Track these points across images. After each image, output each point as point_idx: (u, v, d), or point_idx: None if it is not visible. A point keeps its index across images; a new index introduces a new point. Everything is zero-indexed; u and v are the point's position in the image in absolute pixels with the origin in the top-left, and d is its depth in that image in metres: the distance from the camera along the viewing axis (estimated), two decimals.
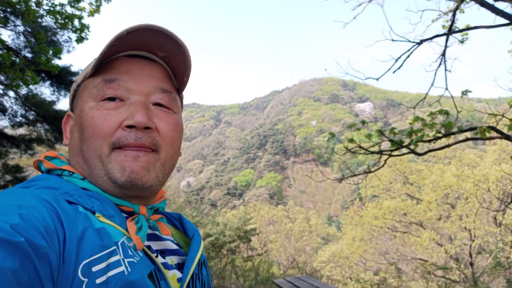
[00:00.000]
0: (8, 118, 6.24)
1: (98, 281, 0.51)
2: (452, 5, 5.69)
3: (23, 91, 5.87)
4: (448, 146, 4.15)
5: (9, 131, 6.65)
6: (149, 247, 0.68)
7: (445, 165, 15.72)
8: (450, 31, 5.42)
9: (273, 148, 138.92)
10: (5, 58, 4.00)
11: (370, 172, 4.28)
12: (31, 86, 6.15)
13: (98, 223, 0.58)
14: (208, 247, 14.11)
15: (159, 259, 0.68)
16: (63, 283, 0.49)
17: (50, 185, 0.63)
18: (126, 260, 0.56)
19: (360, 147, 4.06)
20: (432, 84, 5.54)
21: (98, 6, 4.84)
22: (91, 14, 4.78)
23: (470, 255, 12.88)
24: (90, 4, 4.75)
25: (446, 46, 5.47)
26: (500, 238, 12.08)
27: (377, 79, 4.56)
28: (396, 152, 4.39)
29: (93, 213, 0.60)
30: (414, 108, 5.49)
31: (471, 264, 12.93)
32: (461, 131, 4.34)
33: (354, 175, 4.30)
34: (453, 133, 4.35)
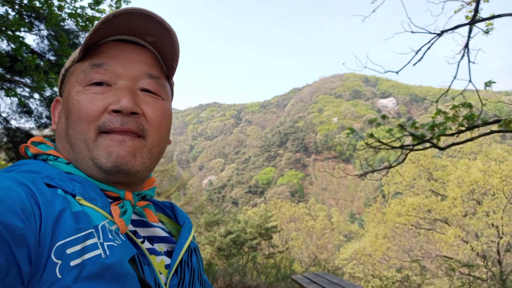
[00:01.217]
0: (34, 120, 6.44)
1: (73, 263, 0.50)
2: None
3: (48, 93, 6.04)
4: (471, 139, 4.04)
5: (35, 132, 6.86)
6: (135, 232, 0.67)
7: (471, 160, 15.29)
8: (474, 20, 5.27)
9: (294, 146, 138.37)
10: (30, 61, 4.13)
11: (391, 167, 4.21)
12: (55, 88, 6.33)
13: (78, 206, 0.58)
14: (230, 244, 14.20)
15: (146, 245, 0.67)
16: (38, 265, 0.48)
17: (31, 169, 0.63)
18: (105, 243, 0.54)
19: (380, 141, 4.00)
20: (454, 77, 5.40)
21: (117, 8, 4.92)
22: None
23: (498, 253, 12.50)
24: (110, 6, 4.85)
25: (469, 37, 5.31)
26: None
27: (397, 72, 4.48)
28: (418, 147, 4.30)
29: (74, 196, 0.59)
30: (436, 102, 5.36)
31: (499, 262, 12.54)
32: (485, 123, 4.21)
33: (374, 171, 4.24)
34: (477, 126, 4.23)
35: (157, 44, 0.71)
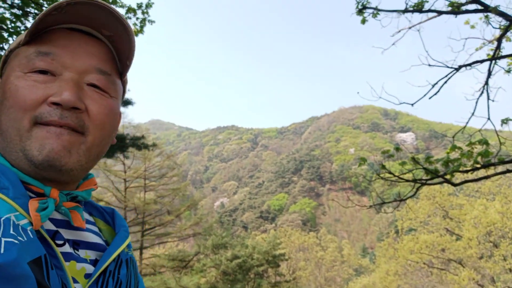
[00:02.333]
0: None
1: None
2: (498, 32, 5.52)
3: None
4: (487, 177, 3.95)
5: None
6: (55, 232, 0.61)
7: (489, 201, 14.85)
8: (494, 57, 5.24)
9: (308, 174, 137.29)
10: None
11: (402, 200, 4.12)
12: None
13: None
14: (235, 269, 14.00)
15: (64, 248, 0.61)
16: None
17: None
18: (3, 239, 0.48)
19: (391, 173, 3.94)
20: (472, 114, 5.33)
21: (141, 27, 5.10)
22: (135, 34, 5.05)
23: None
24: (134, 25, 5.03)
25: (489, 74, 5.27)
26: None
27: (412, 104, 4.46)
28: (431, 181, 4.21)
29: None
30: (453, 137, 5.29)
31: None
32: (502, 162, 4.12)
33: (385, 203, 4.16)
34: (493, 164, 4.13)
35: (114, 39, 0.67)
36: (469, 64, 4.25)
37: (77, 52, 0.64)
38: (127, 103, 8.35)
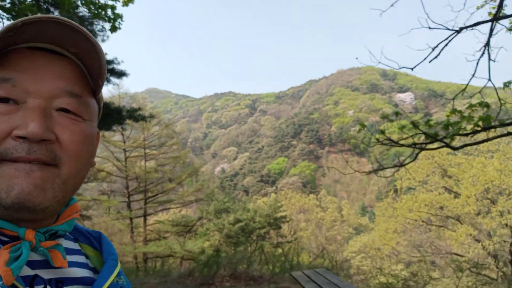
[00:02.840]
0: None
1: None
2: None
3: None
4: (487, 140, 3.94)
5: None
6: (34, 277, 0.55)
7: (487, 158, 14.98)
8: (496, 17, 5.09)
9: (307, 137, 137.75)
10: None
11: (402, 166, 4.14)
12: None
13: None
14: (238, 232, 14.32)
15: None
16: None
17: None
18: None
19: (390, 140, 3.94)
20: (473, 75, 5.25)
21: None
22: (125, 4, 4.87)
23: (511, 253, 12.31)
24: None
25: (490, 34, 5.14)
26: None
27: (412, 68, 4.38)
28: (430, 146, 4.22)
29: None
30: (453, 99, 5.24)
31: (511, 262, 12.36)
32: (503, 124, 4.09)
33: (384, 168, 4.18)
34: (493, 127, 4.12)
35: (81, 56, 0.60)
36: (471, 26, 4.13)
37: (41, 74, 0.56)
38: (121, 74, 8.21)
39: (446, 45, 4.13)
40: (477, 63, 5.22)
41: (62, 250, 0.60)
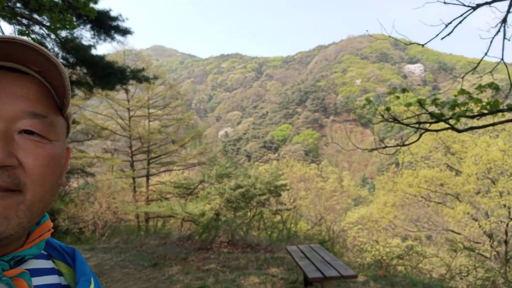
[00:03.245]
0: None
1: None
2: None
3: (63, 33, 5.98)
4: (493, 125, 3.87)
5: None
6: None
7: (492, 138, 14.86)
8: None
9: (313, 105, 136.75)
10: (45, 1, 4.03)
11: (404, 145, 4.10)
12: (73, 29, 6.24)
13: None
14: (238, 197, 14.54)
15: None
16: None
17: None
18: None
19: (395, 119, 3.87)
20: (486, 53, 5.08)
21: None
22: None
23: (506, 233, 12.47)
24: None
25: (508, 11, 4.94)
26: None
27: (423, 45, 4.23)
28: (433, 127, 4.15)
29: None
30: (462, 78, 5.11)
31: (506, 242, 12.55)
32: (510, 109, 4.01)
33: (386, 147, 4.14)
34: (501, 111, 4.03)
35: (44, 75, 0.57)
36: (488, 3, 3.94)
37: (1, 95, 0.53)
38: (125, 32, 8.01)
39: (461, 22, 3.97)
40: (491, 41, 5.04)
41: (28, 278, 0.56)
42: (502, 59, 5.06)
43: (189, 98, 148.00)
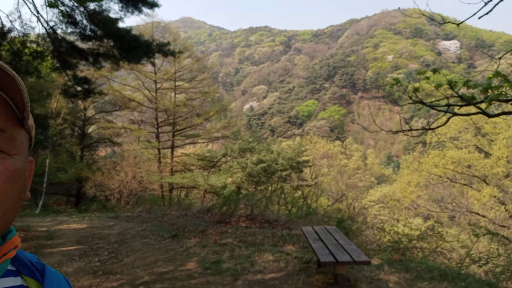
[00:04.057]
0: (79, 32, 6.53)
1: None
2: None
3: (91, 6, 6.01)
4: None
5: (79, 44, 7.01)
6: None
7: None
8: None
9: (341, 81, 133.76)
10: None
11: (430, 129, 3.96)
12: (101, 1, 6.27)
13: None
14: (260, 172, 14.64)
15: None
16: None
17: None
18: None
19: (422, 102, 3.72)
20: None
21: None
22: None
23: None
24: None
25: None
26: None
27: (458, 24, 4.00)
28: (463, 110, 3.98)
29: None
30: (499, 59, 4.83)
31: None
32: None
33: (411, 130, 4.02)
34: None
35: (2, 86, 0.54)
36: None
37: None
38: (153, 5, 7.97)
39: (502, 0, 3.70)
40: None
41: None
42: None
43: (216, 71, 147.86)
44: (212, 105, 22.45)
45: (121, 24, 7.03)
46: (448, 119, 3.89)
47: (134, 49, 7.31)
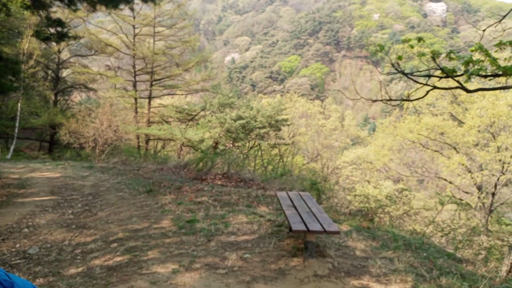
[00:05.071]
0: None
1: None
2: None
3: None
4: (504, 88, 3.72)
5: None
6: None
7: (503, 92, 14.49)
8: None
9: (325, 37, 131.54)
10: None
11: (408, 100, 3.98)
12: None
13: None
14: (238, 129, 14.61)
15: None
16: None
17: None
18: None
19: (403, 73, 3.70)
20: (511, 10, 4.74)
21: None
22: None
23: (495, 186, 12.74)
24: None
25: None
26: None
27: None
28: (443, 83, 3.99)
29: None
30: (484, 31, 4.81)
31: (493, 194, 12.87)
32: None
33: (390, 100, 4.02)
34: None
35: None
36: None
37: None
38: None
39: None
40: None
41: None
42: None
43: (198, 18, 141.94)
44: (192, 55, 21.76)
45: None
46: (427, 92, 3.90)
47: None
